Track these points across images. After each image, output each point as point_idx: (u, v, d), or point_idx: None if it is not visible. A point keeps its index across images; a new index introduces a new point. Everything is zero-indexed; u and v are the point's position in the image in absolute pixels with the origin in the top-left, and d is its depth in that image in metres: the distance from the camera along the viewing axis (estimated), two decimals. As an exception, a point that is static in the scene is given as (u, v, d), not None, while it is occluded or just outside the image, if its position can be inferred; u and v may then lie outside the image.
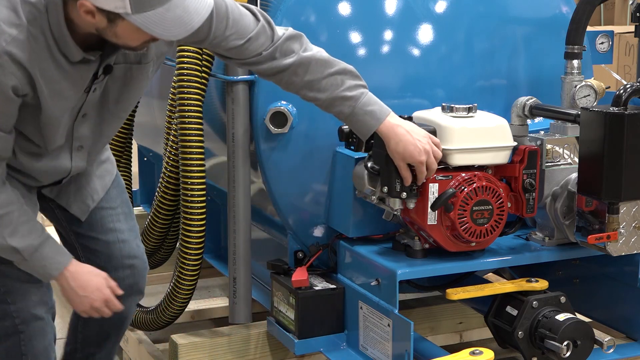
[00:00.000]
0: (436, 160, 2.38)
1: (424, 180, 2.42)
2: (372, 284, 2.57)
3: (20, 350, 2.30)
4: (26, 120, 2.12)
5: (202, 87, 2.81)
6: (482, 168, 2.53)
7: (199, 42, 2.24)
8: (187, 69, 2.79)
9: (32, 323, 2.30)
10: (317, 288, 2.71)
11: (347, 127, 2.57)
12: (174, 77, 2.85)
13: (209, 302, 3.48)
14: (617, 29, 5.91)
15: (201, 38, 2.19)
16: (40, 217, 2.59)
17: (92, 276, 2.26)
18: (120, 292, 2.31)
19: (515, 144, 2.55)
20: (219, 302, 3.44)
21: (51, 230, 2.47)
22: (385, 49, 2.78)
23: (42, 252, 2.19)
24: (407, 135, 2.35)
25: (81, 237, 2.52)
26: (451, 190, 2.45)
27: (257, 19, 2.28)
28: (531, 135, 2.65)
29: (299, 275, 2.71)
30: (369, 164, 2.52)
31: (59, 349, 3.39)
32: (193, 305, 3.35)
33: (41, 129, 2.15)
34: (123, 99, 2.25)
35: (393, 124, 2.36)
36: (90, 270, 2.27)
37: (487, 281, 2.92)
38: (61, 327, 3.63)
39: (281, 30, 2.34)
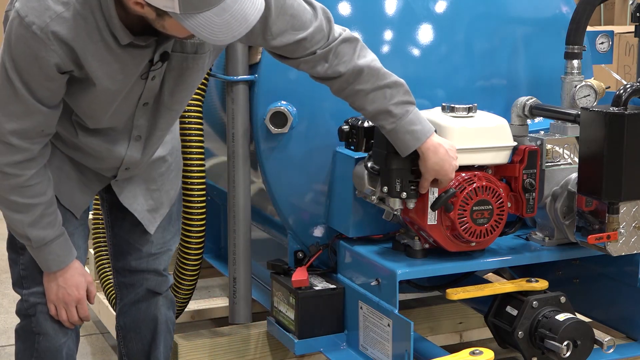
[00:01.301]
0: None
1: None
2: (372, 284, 2.57)
3: (32, 330, 2.35)
4: (75, 95, 2.10)
5: (202, 87, 2.81)
6: (482, 168, 2.53)
7: (252, 41, 2.24)
8: (187, 69, 2.79)
9: (38, 306, 2.32)
10: (317, 288, 2.71)
11: (347, 127, 2.57)
12: (174, 77, 2.85)
13: (209, 302, 3.47)
14: (617, 29, 5.91)
15: (253, 38, 2.18)
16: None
17: (77, 274, 2.30)
18: (92, 303, 2.37)
19: (515, 144, 2.55)
20: (219, 302, 3.44)
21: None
22: (385, 49, 2.78)
23: (50, 248, 2.22)
24: (446, 155, 2.37)
25: (119, 238, 2.51)
26: (451, 190, 2.45)
27: (316, 15, 2.23)
28: (531, 135, 2.66)
29: (299, 275, 2.71)
30: (369, 164, 2.52)
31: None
32: (193, 305, 3.35)
33: (90, 105, 2.13)
34: (178, 90, 2.23)
35: (434, 143, 2.36)
36: (79, 267, 2.31)
37: (487, 281, 2.92)
38: (61, 327, 3.63)
39: (338, 30, 2.30)
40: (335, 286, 2.73)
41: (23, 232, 2.19)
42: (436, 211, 2.48)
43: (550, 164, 2.63)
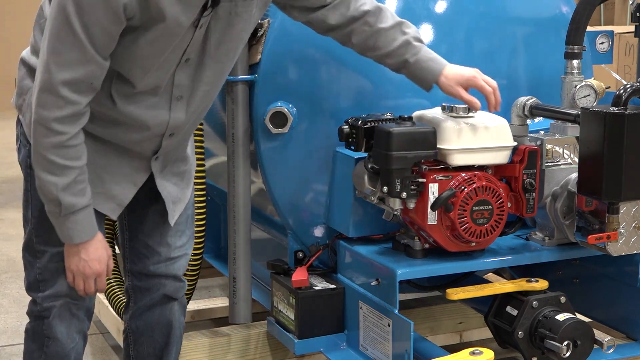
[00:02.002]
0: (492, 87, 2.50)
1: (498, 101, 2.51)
2: (372, 284, 2.57)
3: (43, 333, 2.34)
4: (129, 45, 2.09)
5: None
6: (482, 168, 2.53)
7: None
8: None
9: (52, 310, 2.32)
10: (317, 288, 2.71)
11: (347, 127, 2.57)
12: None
13: (209, 302, 3.47)
14: (617, 29, 5.91)
15: None
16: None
17: (100, 248, 2.24)
18: (104, 288, 2.32)
19: (515, 144, 2.55)
20: (219, 302, 3.44)
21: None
22: (385, 49, 2.77)
23: (77, 217, 2.17)
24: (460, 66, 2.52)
25: (136, 241, 2.49)
26: (451, 190, 2.45)
27: None
28: (531, 135, 2.65)
29: (299, 275, 2.71)
30: (369, 164, 2.52)
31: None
32: (193, 305, 3.35)
33: (143, 53, 2.12)
34: (225, 41, 2.22)
35: (451, 65, 2.51)
36: (102, 240, 2.25)
37: (487, 281, 2.92)
38: (61, 327, 3.63)
39: None
40: (335, 286, 2.73)
41: (55, 196, 2.13)
42: (436, 211, 2.48)
43: (550, 164, 2.63)
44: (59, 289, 2.31)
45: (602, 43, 3.19)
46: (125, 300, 2.61)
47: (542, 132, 2.71)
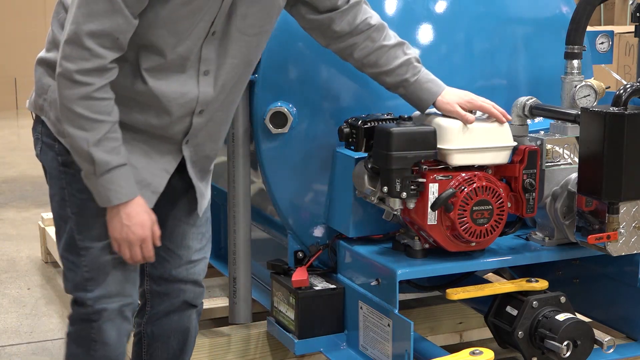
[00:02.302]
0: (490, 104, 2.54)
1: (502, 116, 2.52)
2: (372, 284, 2.57)
3: (90, 337, 2.28)
4: (156, 16, 2.08)
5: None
6: (482, 168, 2.53)
7: None
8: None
9: (104, 313, 2.26)
10: (317, 288, 2.71)
11: (347, 127, 2.57)
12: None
13: (209, 302, 3.47)
14: (617, 29, 5.92)
15: None
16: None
17: (142, 212, 2.18)
18: (158, 243, 2.24)
19: (515, 144, 2.55)
20: (219, 302, 3.44)
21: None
22: (385, 49, 2.77)
23: (113, 176, 2.11)
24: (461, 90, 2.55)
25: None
26: (451, 190, 2.45)
27: None
28: (531, 135, 2.65)
29: (299, 275, 2.71)
30: (369, 164, 2.52)
31: (58, 348, 3.40)
32: (193, 305, 3.35)
33: (174, 24, 2.11)
34: (250, 14, 2.21)
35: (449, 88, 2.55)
36: (143, 204, 2.18)
37: (487, 281, 2.92)
38: (61, 327, 3.64)
39: None
40: (335, 286, 2.73)
41: (87, 152, 2.07)
42: (436, 211, 2.48)
43: (550, 164, 2.63)
44: (110, 288, 2.25)
45: (602, 43, 3.19)
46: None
47: (542, 132, 2.71)
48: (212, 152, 2.39)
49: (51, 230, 4.39)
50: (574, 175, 2.58)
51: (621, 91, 2.37)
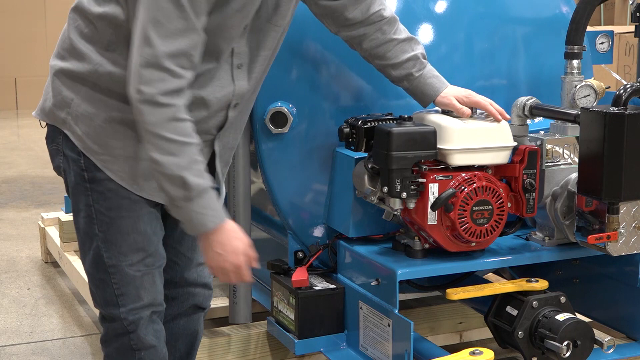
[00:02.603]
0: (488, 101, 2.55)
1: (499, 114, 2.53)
2: (372, 284, 2.57)
3: (132, 348, 2.25)
4: (212, 24, 2.07)
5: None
6: (482, 168, 2.53)
7: None
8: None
9: (140, 322, 2.23)
10: (317, 288, 2.71)
11: (347, 127, 2.57)
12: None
13: (208, 302, 3.48)
14: (617, 29, 5.92)
15: None
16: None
17: (234, 239, 2.12)
18: (256, 265, 2.22)
19: (515, 144, 2.55)
20: (219, 302, 3.44)
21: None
22: (385, 49, 2.77)
23: (206, 199, 2.04)
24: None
25: (167, 247, 2.38)
26: (451, 190, 2.45)
27: None
28: (531, 135, 2.66)
29: (299, 275, 2.71)
30: (369, 164, 2.52)
31: (58, 348, 3.41)
32: (193, 305, 3.35)
33: (228, 30, 2.11)
34: (284, 2, 2.22)
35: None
36: (235, 230, 2.13)
37: (487, 281, 2.92)
38: (61, 327, 3.64)
39: None
40: (335, 286, 2.73)
41: (180, 176, 2.00)
42: (436, 211, 2.48)
43: (550, 164, 2.63)
44: (142, 299, 2.23)
45: (602, 43, 3.19)
46: None
47: (542, 132, 2.71)
48: (234, 143, 2.36)
49: (51, 230, 4.39)
50: (574, 175, 2.58)
51: (621, 91, 2.37)
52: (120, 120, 2.14)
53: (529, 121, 2.66)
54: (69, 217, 4.15)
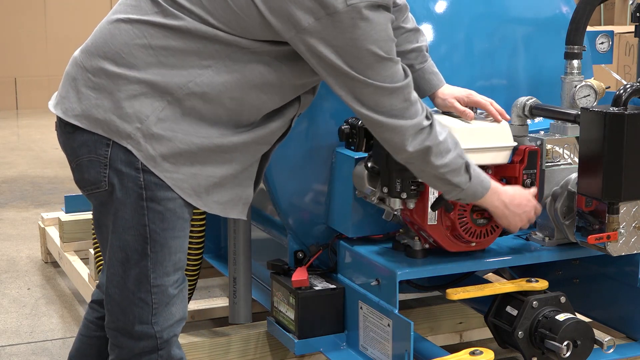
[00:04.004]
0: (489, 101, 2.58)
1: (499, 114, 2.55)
2: (372, 284, 2.57)
3: None
4: None
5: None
6: (482, 168, 2.53)
7: None
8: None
9: (171, 340, 2.20)
10: (317, 288, 2.71)
11: (347, 127, 2.57)
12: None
13: (209, 302, 3.48)
14: (617, 29, 5.92)
15: None
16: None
17: (520, 193, 2.43)
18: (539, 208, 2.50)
19: (515, 144, 2.55)
20: (219, 302, 3.45)
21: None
22: (385, 49, 2.77)
23: (475, 168, 2.30)
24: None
25: None
26: (451, 190, 2.45)
27: None
28: (531, 135, 2.66)
29: (299, 275, 2.71)
30: (369, 164, 2.52)
31: (58, 348, 3.41)
32: (193, 305, 3.35)
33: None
34: None
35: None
36: (515, 188, 2.44)
37: (487, 281, 2.92)
38: (61, 327, 3.64)
39: None
40: (335, 286, 2.73)
41: (465, 162, 2.26)
42: (436, 211, 2.48)
43: (550, 164, 2.63)
44: (176, 316, 2.18)
45: (602, 43, 3.19)
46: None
47: (542, 132, 2.71)
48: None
49: (51, 230, 4.39)
50: (574, 175, 2.58)
51: (621, 91, 2.37)
52: (210, 148, 2.11)
53: (529, 121, 2.66)
54: (69, 217, 4.17)
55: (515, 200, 2.41)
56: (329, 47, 2.01)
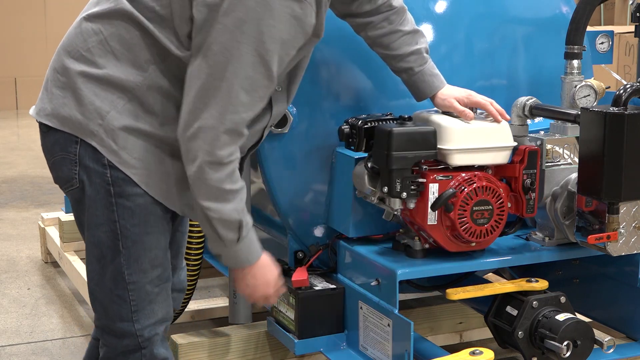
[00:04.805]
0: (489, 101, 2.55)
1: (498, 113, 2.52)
2: (372, 284, 2.57)
3: None
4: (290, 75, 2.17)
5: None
6: (482, 168, 2.53)
7: None
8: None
9: (153, 338, 2.20)
10: (317, 288, 2.71)
11: (347, 127, 2.57)
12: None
13: (209, 302, 3.48)
14: (617, 29, 5.92)
15: None
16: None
17: (268, 272, 2.22)
18: (282, 291, 2.34)
19: (515, 144, 2.55)
20: (219, 302, 3.45)
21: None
22: (385, 49, 2.77)
23: (251, 236, 2.13)
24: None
25: None
26: (451, 190, 2.45)
27: None
28: (531, 135, 2.66)
29: (299, 275, 2.71)
30: (369, 164, 2.52)
31: (58, 348, 3.40)
32: (193, 305, 3.35)
33: (299, 76, 2.20)
34: (320, 17, 2.21)
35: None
36: (269, 263, 2.23)
37: (487, 281, 2.92)
38: (61, 327, 3.64)
39: None
40: (335, 286, 2.73)
41: (238, 220, 2.06)
42: (436, 211, 2.48)
43: (550, 164, 2.63)
44: (158, 315, 2.19)
45: (602, 43, 3.19)
46: None
47: (542, 132, 2.71)
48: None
49: (51, 230, 4.39)
50: (574, 175, 2.58)
51: (621, 91, 2.37)
52: (159, 139, 2.10)
53: (529, 121, 2.66)
54: (69, 217, 4.17)
55: (256, 274, 2.22)
56: None
